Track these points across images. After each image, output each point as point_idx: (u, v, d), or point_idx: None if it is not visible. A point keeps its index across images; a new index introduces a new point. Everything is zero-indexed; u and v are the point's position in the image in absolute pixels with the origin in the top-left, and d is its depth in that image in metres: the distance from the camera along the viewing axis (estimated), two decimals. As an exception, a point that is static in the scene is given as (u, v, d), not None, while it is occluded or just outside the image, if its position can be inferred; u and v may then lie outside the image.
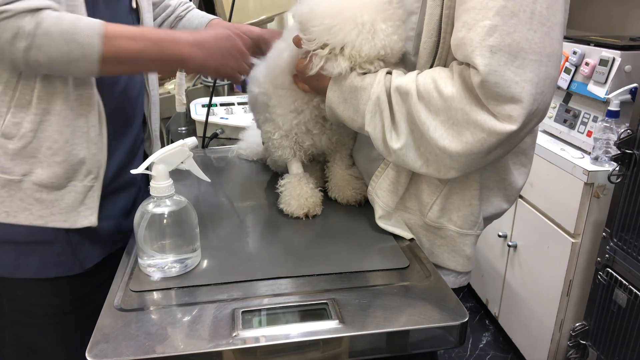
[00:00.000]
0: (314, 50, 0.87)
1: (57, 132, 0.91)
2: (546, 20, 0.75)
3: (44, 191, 0.92)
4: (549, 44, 0.75)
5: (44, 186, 0.92)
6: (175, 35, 0.95)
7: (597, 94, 1.70)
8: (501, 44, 0.73)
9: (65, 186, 0.94)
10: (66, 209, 0.94)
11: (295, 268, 0.86)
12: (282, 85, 1.00)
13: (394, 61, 0.90)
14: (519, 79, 0.74)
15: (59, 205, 0.94)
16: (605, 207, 1.60)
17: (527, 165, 0.99)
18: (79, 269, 1.00)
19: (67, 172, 0.93)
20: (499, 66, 0.73)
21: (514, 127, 0.75)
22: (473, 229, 0.95)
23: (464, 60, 0.77)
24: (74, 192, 0.95)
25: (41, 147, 0.91)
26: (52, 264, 0.97)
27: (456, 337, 0.75)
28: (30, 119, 0.89)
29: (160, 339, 0.70)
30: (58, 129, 0.91)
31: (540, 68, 0.75)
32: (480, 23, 0.74)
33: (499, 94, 0.74)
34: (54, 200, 0.93)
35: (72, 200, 0.95)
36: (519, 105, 0.74)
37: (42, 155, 0.91)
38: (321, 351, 0.71)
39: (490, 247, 2.22)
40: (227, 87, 2.58)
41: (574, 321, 1.76)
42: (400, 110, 0.84)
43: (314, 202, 1.04)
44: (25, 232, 0.93)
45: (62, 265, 0.98)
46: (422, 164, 0.85)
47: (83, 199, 0.96)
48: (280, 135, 1.05)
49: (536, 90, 0.75)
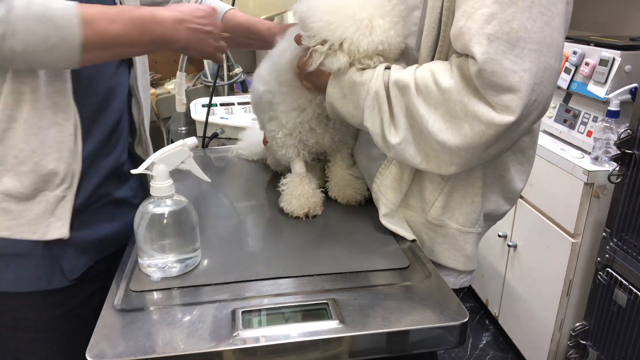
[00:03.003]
0: (314, 47, 0.88)
1: (23, 141, 0.86)
2: (546, 10, 0.74)
3: (11, 201, 0.87)
4: (549, 34, 0.75)
5: (12, 196, 0.87)
6: (155, 15, 0.89)
7: (597, 94, 1.70)
8: (499, 32, 0.72)
9: (35, 197, 0.89)
10: (35, 220, 0.89)
11: (296, 268, 0.86)
12: (286, 83, 1.01)
13: (393, 57, 0.90)
14: (517, 68, 0.73)
15: (27, 215, 0.88)
16: (605, 207, 1.60)
17: (525, 165, 0.99)
18: (63, 281, 0.95)
19: (36, 182, 0.88)
20: (497, 54, 0.72)
21: (512, 118, 0.74)
22: (474, 226, 0.95)
23: (463, 49, 0.76)
24: (44, 202, 0.89)
25: (7, 155, 0.86)
26: (29, 278, 0.92)
27: (456, 337, 0.75)
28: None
29: (160, 339, 0.70)
30: (24, 137, 0.86)
31: (539, 58, 0.74)
32: (479, 11, 0.73)
33: (496, 83, 0.73)
34: (22, 211, 0.88)
35: (42, 210, 0.89)
36: (516, 95, 0.73)
37: (8, 163, 0.86)
38: (321, 351, 0.71)
39: (490, 247, 2.22)
40: (227, 87, 2.58)
41: (574, 321, 1.76)
42: (399, 104, 0.84)
43: (314, 202, 1.04)
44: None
45: (39, 278, 0.93)
46: (422, 159, 0.85)
47: (54, 209, 0.90)
48: (284, 134, 1.05)
49: (535, 80, 0.74)
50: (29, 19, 0.76)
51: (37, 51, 0.79)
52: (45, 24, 0.77)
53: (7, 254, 0.90)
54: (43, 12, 0.77)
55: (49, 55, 0.80)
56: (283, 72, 1.01)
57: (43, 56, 0.80)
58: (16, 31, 0.76)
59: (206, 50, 0.99)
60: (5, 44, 0.76)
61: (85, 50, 0.82)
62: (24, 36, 0.77)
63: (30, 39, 0.77)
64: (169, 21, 0.90)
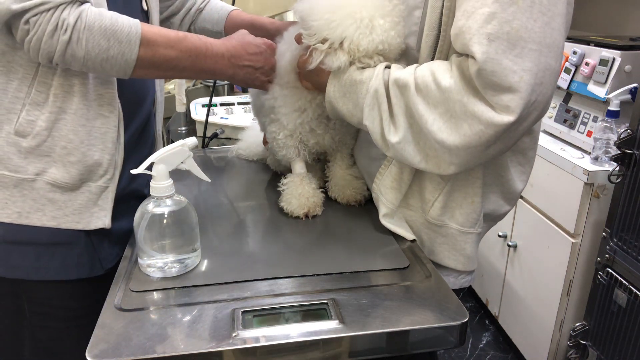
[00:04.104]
0: (314, 45, 0.89)
1: (72, 132, 0.89)
2: (547, 10, 0.74)
3: (57, 191, 0.91)
4: (550, 34, 0.75)
5: (58, 186, 0.90)
6: (209, 48, 0.94)
7: (597, 94, 1.70)
8: (499, 31, 0.72)
9: (79, 187, 0.92)
10: (79, 210, 0.92)
11: (296, 268, 0.86)
12: (288, 84, 1.02)
13: (393, 57, 0.91)
14: (517, 67, 0.73)
15: (72, 205, 0.92)
16: (605, 207, 1.60)
17: (525, 166, 0.99)
18: (100, 270, 0.98)
19: (81, 173, 0.91)
20: (497, 54, 0.72)
21: (512, 118, 0.74)
22: (474, 227, 0.95)
23: (463, 49, 0.76)
24: (87, 192, 0.93)
25: (55, 146, 0.89)
26: (73, 266, 0.95)
27: (456, 337, 0.75)
28: (45, 117, 0.88)
29: (160, 339, 0.70)
30: (73, 128, 0.89)
31: (540, 58, 0.74)
32: (479, 10, 0.73)
33: (496, 83, 0.73)
34: (67, 201, 0.91)
35: (85, 201, 0.93)
36: (516, 95, 0.73)
37: (56, 154, 0.89)
38: (321, 351, 0.71)
39: (490, 247, 2.22)
40: (227, 87, 2.58)
41: (574, 321, 1.76)
42: (399, 103, 0.84)
43: (314, 203, 1.04)
44: (45, 233, 0.91)
45: (83, 266, 0.96)
46: (421, 159, 0.85)
47: (97, 199, 0.94)
48: (284, 135, 1.05)
49: (535, 80, 0.74)
50: (96, 29, 0.82)
51: (96, 60, 0.84)
52: (109, 37, 0.83)
53: (53, 243, 0.93)
54: (109, 26, 0.83)
55: (105, 64, 0.85)
56: (284, 73, 1.02)
57: (99, 65, 0.85)
58: (81, 39, 0.82)
59: (253, 84, 1.04)
60: (69, 49, 0.82)
61: (138, 67, 0.88)
62: (88, 45, 0.82)
63: (92, 48, 0.83)
64: (221, 56, 0.95)
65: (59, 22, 0.80)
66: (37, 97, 0.87)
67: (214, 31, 1.26)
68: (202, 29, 1.27)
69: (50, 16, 0.79)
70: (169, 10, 1.23)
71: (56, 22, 0.80)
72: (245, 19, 1.26)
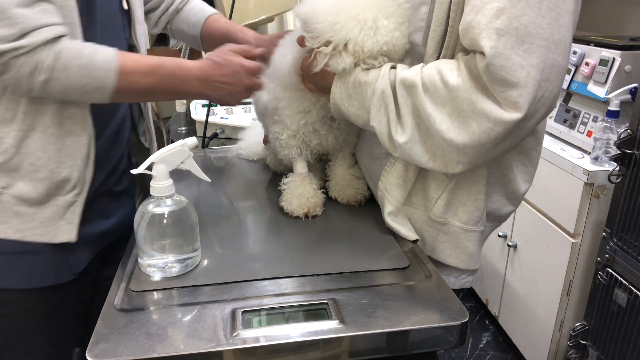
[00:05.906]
0: (318, 48, 0.88)
1: (40, 149, 0.88)
2: (555, 7, 0.74)
3: (23, 205, 0.90)
4: (558, 30, 0.75)
5: (24, 200, 0.89)
6: (183, 71, 0.94)
7: (597, 94, 1.70)
8: (508, 26, 0.73)
9: (47, 202, 0.91)
10: (45, 223, 0.91)
11: (296, 268, 0.86)
12: (291, 87, 1.01)
13: (398, 57, 0.90)
14: (525, 63, 0.73)
15: (38, 218, 0.91)
16: (605, 207, 1.60)
17: (528, 167, 0.98)
18: (69, 276, 0.98)
19: (49, 188, 0.90)
20: (506, 49, 0.73)
21: (520, 114, 0.74)
22: (477, 225, 0.95)
23: (471, 44, 0.76)
24: (55, 206, 0.92)
25: (23, 162, 0.88)
26: (38, 274, 0.94)
27: (456, 337, 0.75)
28: (13, 135, 0.87)
29: (160, 339, 0.70)
30: (42, 145, 0.88)
31: (547, 54, 0.74)
32: (488, 5, 0.74)
33: (504, 78, 0.73)
34: (34, 214, 0.90)
35: (52, 214, 0.92)
36: (523, 90, 0.73)
37: (24, 170, 0.89)
38: (321, 351, 0.71)
39: (490, 247, 2.22)
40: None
41: (574, 321, 1.76)
42: (406, 103, 0.84)
43: (314, 203, 1.04)
44: (9, 244, 0.91)
45: (48, 274, 0.95)
46: (428, 158, 0.85)
47: (64, 213, 0.93)
48: (288, 135, 1.05)
49: (541, 76, 0.74)
50: (73, 68, 0.82)
51: (75, 94, 0.85)
52: (86, 74, 0.84)
53: (19, 252, 0.92)
54: (87, 63, 0.83)
55: (82, 97, 0.86)
56: (286, 76, 1.01)
57: (76, 97, 0.86)
58: (60, 78, 0.82)
59: (227, 103, 1.05)
60: (47, 87, 0.82)
61: (115, 96, 0.88)
62: (66, 82, 0.83)
63: (71, 85, 0.83)
64: (194, 78, 0.95)
65: (38, 65, 0.80)
66: (5, 114, 0.87)
67: (190, 34, 1.26)
68: (179, 30, 1.27)
69: (29, 59, 0.79)
70: (147, 5, 1.21)
71: (33, 65, 0.79)
72: (222, 27, 1.24)
